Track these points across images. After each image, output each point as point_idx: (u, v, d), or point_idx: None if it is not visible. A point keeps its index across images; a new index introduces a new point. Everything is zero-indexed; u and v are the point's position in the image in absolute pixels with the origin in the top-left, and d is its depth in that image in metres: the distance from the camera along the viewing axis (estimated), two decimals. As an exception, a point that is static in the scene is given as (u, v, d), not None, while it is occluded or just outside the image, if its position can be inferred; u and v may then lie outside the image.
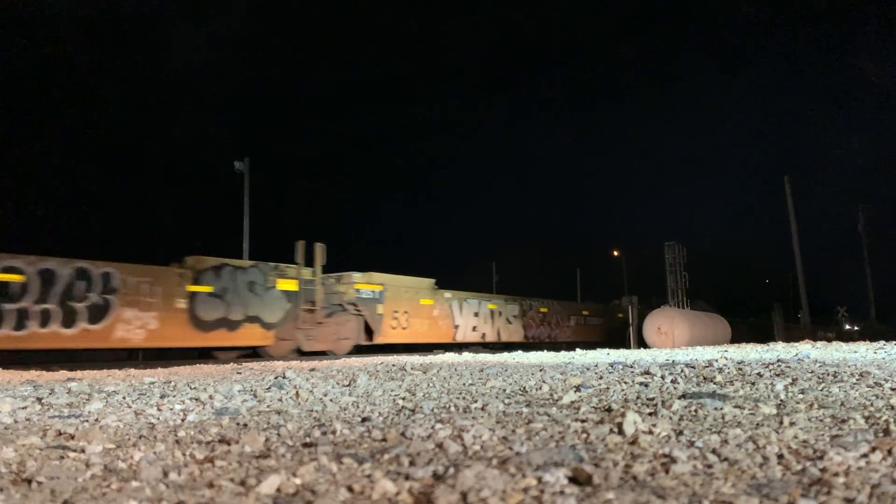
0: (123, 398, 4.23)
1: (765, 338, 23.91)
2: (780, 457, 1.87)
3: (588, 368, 6.28)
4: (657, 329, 22.30)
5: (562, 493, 1.54)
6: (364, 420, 2.92)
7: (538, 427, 2.47)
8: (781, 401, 3.17)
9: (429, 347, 20.85)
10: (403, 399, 3.83)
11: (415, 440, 2.28)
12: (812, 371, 5.00)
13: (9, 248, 13.37)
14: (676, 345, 20.57)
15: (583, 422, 2.57)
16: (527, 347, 20.18)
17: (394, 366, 7.69)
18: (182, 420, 3.13)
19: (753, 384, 4.06)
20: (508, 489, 1.57)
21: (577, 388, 4.13)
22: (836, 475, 1.64)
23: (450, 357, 12.19)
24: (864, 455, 1.83)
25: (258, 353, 16.26)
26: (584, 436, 2.27)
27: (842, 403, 3.02)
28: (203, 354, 16.17)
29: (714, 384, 4.20)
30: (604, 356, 10.21)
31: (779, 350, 11.12)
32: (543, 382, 4.63)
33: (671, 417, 2.68)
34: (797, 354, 8.23)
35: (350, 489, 1.63)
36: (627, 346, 20.97)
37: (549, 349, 15.65)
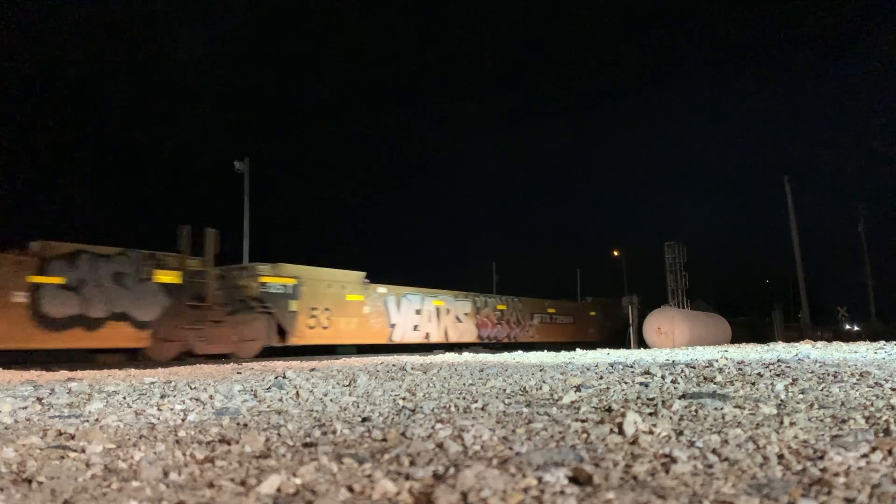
0: (124, 398, 4.23)
1: (765, 338, 23.91)
2: (781, 457, 1.87)
3: (588, 368, 6.27)
4: (657, 329, 22.29)
5: (562, 493, 1.54)
6: (364, 420, 2.92)
7: (538, 427, 2.47)
8: (782, 401, 3.17)
9: (363, 349, 19.08)
10: (404, 399, 3.83)
11: (415, 440, 2.28)
12: (812, 371, 5.00)
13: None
14: (676, 345, 20.56)
15: (583, 422, 2.57)
16: (468, 348, 19.24)
17: (394, 366, 7.69)
18: (182, 420, 3.13)
19: (754, 384, 4.06)
20: (509, 489, 1.57)
21: (578, 388, 4.13)
22: (837, 475, 1.64)
23: (450, 357, 12.20)
24: (865, 455, 1.83)
25: (139, 357, 14.00)
26: (585, 436, 2.27)
27: (842, 403, 3.01)
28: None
29: (714, 384, 4.19)
30: (604, 356, 10.21)
31: (779, 350, 11.12)
32: (544, 382, 4.63)
33: (671, 417, 2.68)
34: (797, 354, 8.23)
35: (350, 489, 1.63)
36: (627, 346, 20.96)
37: (550, 349, 15.64)
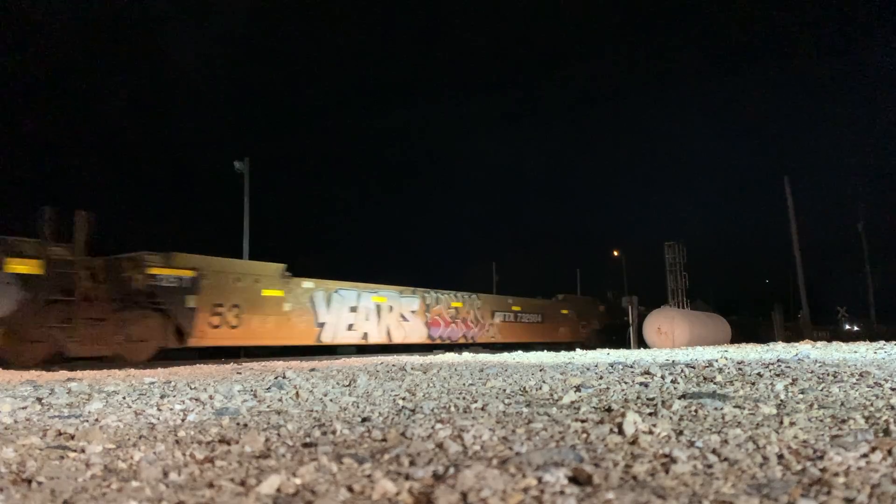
0: (123, 398, 4.23)
1: (765, 338, 23.92)
2: (780, 457, 1.87)
3: (588, 368, 6.27)
4: (657, 329, 22.30)
5: (562, 493, 1.54)
6: (364, 420, 2.92)
7: (538, 427, 2.47)
8: (781, 401, 3.17)
9: (286, 351, 16.96)
10: (403, 399, 3.83)
11: (415, 440, 2.28)
12: (812, 371, 5.00)
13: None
14: (676, 345, 20.57)
15: (583, 422, 2.57)
16: (426, 350, 17.98)
17: (394, 366, 7.69)
18: (182, 420, 3.13)
19: (753, 384, 4.06)
20: (508, 489, 1.57)
21: (577, 388, 4.13)
22: (836, 475, 1.64)
23: (450, 357, 12.20)
24: (865, 455, 1.83)
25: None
26: (585, 436, 2.27)
27: (842, 403, 3.02)
28: (203, 355, 15.92)
29: (714, 384, 4.20)
30: (604, 356, 10.21)
31: (779, 350, 11.12)
32: (543, 382, 4.63)
33: (671, 417, 2.68)
34: (797, 354, 8.23)
35: (350, 489, 1.63)
36: (627, 346, 20.97)
37: (550, 349, 15.63)
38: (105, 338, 13.30)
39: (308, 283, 17.70)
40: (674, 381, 4.44)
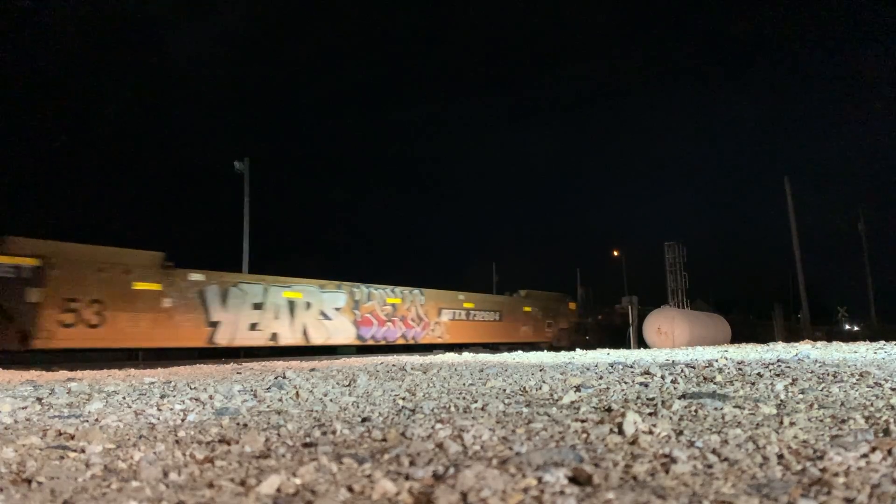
0: (123, 398, 4.23)
1: (765, 338, 23.91)
2: (780, 457, 1.87)
3: (588, 368, 6.27)
4: (657, 329, 22.29)
5: (562, 493, 1.54)
6: (364, 420, 2.92)
7: (538, 427, 2.47)
8: (781, 401, 3.17)
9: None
10: (403, 399, 3.83)
11: (415, 440, 2.28)
12: (812, 371, 5.00)
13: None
14: (676, 345, 20.57)
15: (583, 422, 2.57)
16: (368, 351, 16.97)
17: (394, 366, 7.69)
18: (182, 420, 3.13)
19: (753, 384, 4.06)
20: (508, 489, 1.57)
21: (577, 388, 4.13)
22: (836, 475, 1.64)
23: (450, 357, 12.21)
24: (864, 455, 1.83)
25: None
26: (584, 436, 2.27)
27: (842, 403, 3.01)
28: (203, 354, 15.88)
29: (714, 384, 4.19)
30: (604, 356, 10.21)
31: (779, 350, 11.12)
32: (543, 382, 4.63)
33: (671, 417, 2.68)
34: (797, 354, 8.23)
35: (350, 489, 1.63)
36: (627, 346, 20.97)
37: (550, 350, 15.62)
38: None
39: (196, 276, 15.34)
40: (674, 381, 4.44)
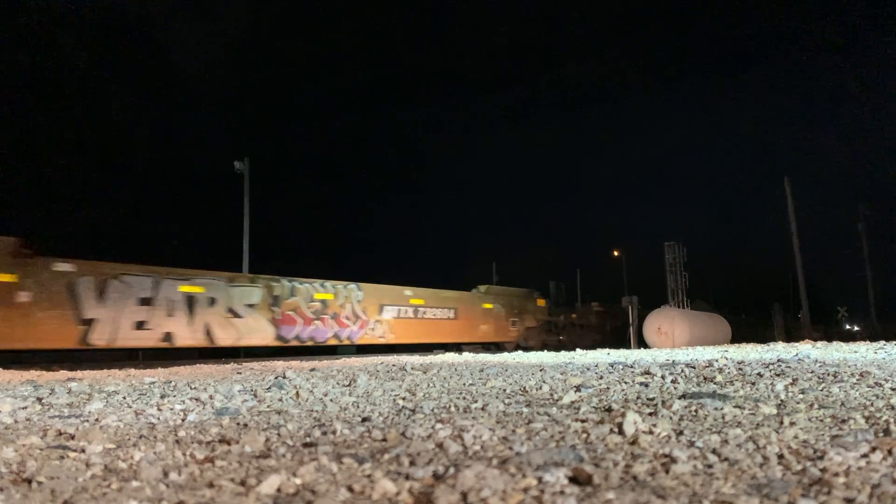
0: (124, 398, 4.23)
1: (765, 338, 23.92)
2: (781, 457, 1.87)
3: (588, 368, 6.27)
4: (657, 329, 22.29)
5: (562, 493, 1.54)
6: (364, 420, 2.92)
7: (538, 427, 2.47)
8: (782, 401, 3.17)
9: (284, 352, 15.96)
10: (403, 399, 3.83)
11: (415, 440, 2.28)
12: (812, 371, 5.00)
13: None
14: (676, 345, 20.57)
15: (583, 422, 2.57)
16: (285, 353, 15.55)
17: (394, 366, 7.70)
18: (182, 420, 3.13)
19: (753, 384, 4.06)
20: (508, 489, 1.57)
21: (578, 388, 4.13)
22: (837, 475, 1.64)
23: (450, 357, 12.21)
24: (865, 455, 1.83)
25: None
26: (585, 436, 2.27)
27: (842, 403, 3.01)
28: (203, 354, 15.85)
29: (714, 384, 4.19)
30: (604, 356, 10.22)
31: (779, 350, 11.12)
32: (543, 382, 4.63)
33: (671, 417, 2.68)
34: (797, 354, 8.23)
35: (350, 489, 1.63)
36: (627, 346, 20.97)
37: (551, 350, 15.61)
38: None
39: (64, 266, 13.19)
40: (674, 381, 4.44)
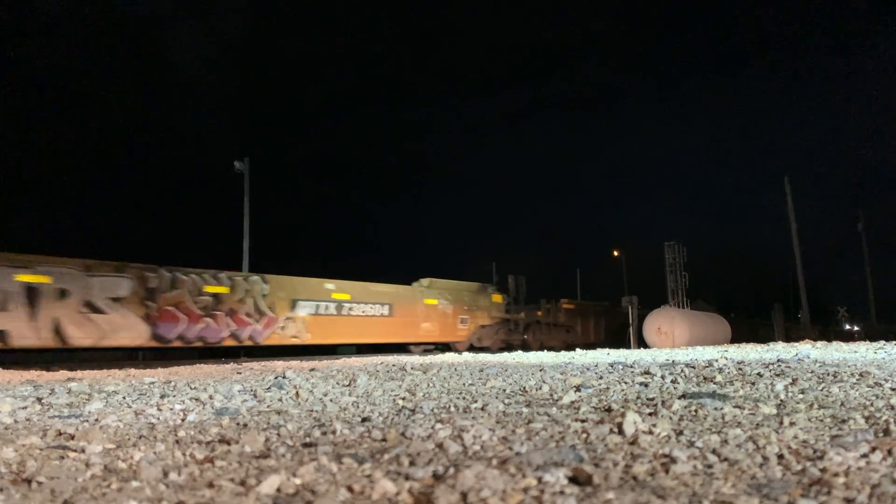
0: (123, 398, 4.23)
1: (765, 338, 23.92)
2: (780, 457, 1.87)
3: (588, 368, 6.27)
4: (657, 329, 22.29)
5: (562, 493, 1.54)
6: (364, 420, 2.92)
7: (538, 427, 2.47)
8: (781, 401, 3.17)
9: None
10: (403, 399, 3.83)
11: (415, 440, 2.28)
12: (812, 371, 5.00)
13: (7, 248, 12.97)
14: (676, 345, 20.57)
15: (583, 422, 2.57)
16: (166, 354, 14.38)
17: (394, 366, 7.69)
18: (182, 420, 3.13)
19: (753, 384, 4.06)
20: (508, 489, 1.57)
21: (577, 388, 4.13)
22: (836, 475, 1.64)
23: (450, 357, 12.20)
24: (864, 455, 1.83)
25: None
26: (584, 436, 2.27)
27: (842, 403, 3.01)
28: (203, 354, 15.80)
29: (714, 384, 4.19)
30: (604, 356, 10.21)
31: (779, 350, 11.12)
32: (543, 382, 4.63)
33: (671, 417, 2.68)
34: (797, 354, 8.23)
35: (350, 489, 1.63)
36: (627, 346, 20.97)
37: (549, 350, 15.60)
38: None
39: None
40: (674, 381, 4.44)
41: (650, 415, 2.75)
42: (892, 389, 3.55)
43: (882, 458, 1.79)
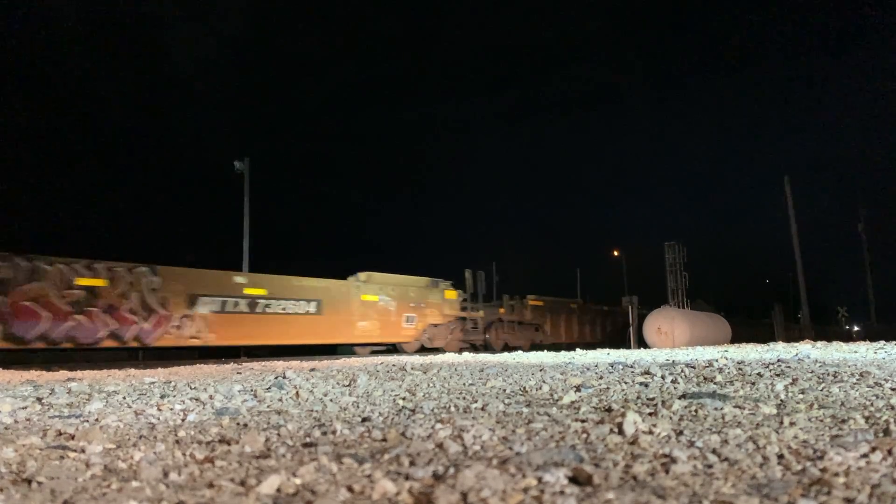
0: (123, 398, 4.23)
1: (765, 338, 23.91)
2: (781, 457, 1.87)
3: (588, 368, 6.27)
4: (657, 329, 22.29)
5: (562, 493, 1.54)
6: (364, 420, 2.92)
7: (538, 427, 2.47)
8: (781, 401, 3.17)
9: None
10: (403, 399, 3.83)
11: (415, 440, 2.28)
12: (812, 371, 5.00)
13: (9, 248, 12.99)
14: (676, 345, 20.57)
15: (583, 422, 2.57)
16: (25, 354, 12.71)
17: (394, 366, 7.70)
18: (182, 420, 3.13)
19: (753, 384, 4.06)
20: (508, 489, 1.57)
21: (578, 388, 4.13)
22: (837, 475, 1.64)
23: (450, 357, 12.20)
24: (865, 455, 1.83)
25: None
26: (585, 436, 2.27)
27: (842, 403, 3.01)
28: (203, 354, 15.81)
29: (714, 384, 4.19)
30: (604, 356, 10.21)
31: (779, 350, 11.12)
32: (543, 382, 4.63)
33: (671, 417, 2.68)
34: (797, 354, 8.23)
35: (350, 489, 1.63)
36: (627, 346, 20.97)
37: (549, 350, 15.60)
38: None
39: None
40: (674, 381, 4.44)
41: (650, 415, 2.75)
42: (893, 389, 3.55)
43: (882, 458, 1.79)
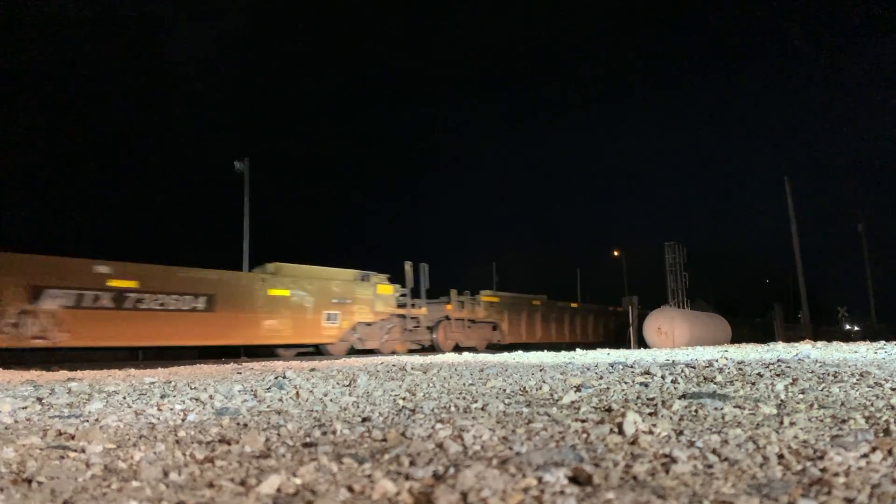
0: (124, 398, 4.22)
1: (765, 338, 23.90)
2: (781, 457, 1.87)
3: (588, 368, 6.27)
4: (657, 329, 22.28)
5: (562, 493, 1.54)
6: (364, 420, 2.92)
7: (538, 427, 2.47)
8: (782, 401, 3.17)
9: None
10: (404, 399, 3.83)
11: (415, 440, 2.28)
12: (812, 371, 5.00)
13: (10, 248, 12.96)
14: (676, 345, 20.57)
15: (583, 422, 2.57)
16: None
17: (394, 366, 7.70)
18: (182, 420, 3.13)
19: (754, 384, 4.06)
20: (508, 489, 1.57)
21: (578, 388, 4.13)
22: (837, 475, 1.64)
23: (450, 357, 12.21)
24: (865, 455, 1.83)
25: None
26: (585, 436, 2.27)
27: (842, 403, 3.01)
28: (203, 354, 15.81)
29: (714, 384, 4.19)
30: (604, 356, 10.21)
31: (779, 350, 11.12)
32: (544, 382, 4.63)
33: (671, 417, 2.68)
34: (797, 354, 8.23)
35: (350, 489, 1.63)
36: (627, 346, 20.97)
37: (548, 349, 15.61)
38: None
39: None
40: (674, 381, 4.43)
41: (650, 415, 2.75)
42: (893, 389, 3.55)
43: (882, 458, 1.79)
